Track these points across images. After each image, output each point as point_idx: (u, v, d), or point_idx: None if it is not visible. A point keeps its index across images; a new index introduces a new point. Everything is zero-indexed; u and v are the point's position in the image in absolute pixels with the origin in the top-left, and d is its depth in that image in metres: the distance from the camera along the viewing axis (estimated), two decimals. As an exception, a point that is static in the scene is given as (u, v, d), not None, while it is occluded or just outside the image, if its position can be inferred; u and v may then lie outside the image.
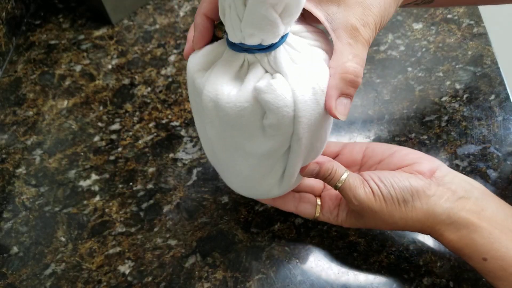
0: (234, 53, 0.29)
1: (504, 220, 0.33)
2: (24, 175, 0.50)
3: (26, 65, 0.61)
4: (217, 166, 0.39)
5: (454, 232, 0.34)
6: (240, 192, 0.40)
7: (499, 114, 0.50)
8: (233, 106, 0.29)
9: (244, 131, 0.30)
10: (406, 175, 0.36)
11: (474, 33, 0.58)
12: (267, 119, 0.29)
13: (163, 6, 0.66)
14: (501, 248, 0.32)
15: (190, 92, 0.33)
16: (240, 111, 0.29)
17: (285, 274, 0.42)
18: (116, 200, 0.47)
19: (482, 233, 0.33)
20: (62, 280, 0.43)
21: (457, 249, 0.34)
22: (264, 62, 0.29)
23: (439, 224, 0.34)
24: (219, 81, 0.29)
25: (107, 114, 0.55)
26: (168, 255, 0.43)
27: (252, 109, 0.29)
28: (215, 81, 0.29)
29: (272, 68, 0.29)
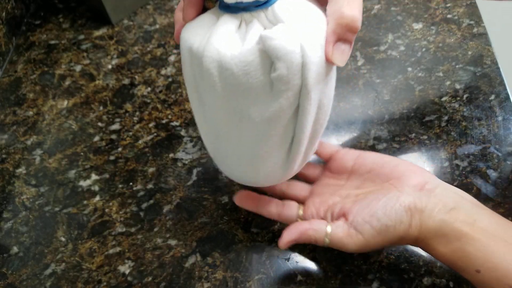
0: (229, 16, 0.29)
1: (497, 230, 0.33)
2: (24, 175, 0.50)
3: (26, 65, 0.61)
4: (217, 152, 0.38)
5: (446, 245, 0.33)
6: (241, 180, 0.39)
7: (499, 114, 0.50)
8: (238, 62, 0.28)
9: (250, 92, 0.29)
10: (396, 194, 0.35)
11: (474, 33, 0.58)
12: (275, 70, 0.28)
13: (163, 6, 0.66)
14: (494, 259, 0.32)
15: (186, 65, 0.31)
16: (245, 67, 0.28)
17: (285, 275, 0.42)
18: (116, 200, 0.47)
19: (476, 245, 0.32)
20: (62, 280, 0.43)
21: (450, 263, 0.34)
22: (262, 18, 0.29)
23: (432, 238, 0.34)
24: (220, 41, 0.28)
25: (107, 114, 0.55)
26: (168, 255, 0.43)
27: (258, 63, 0.28)
28: (216, 42, 0.28)
29: (271, 23, 0.28)
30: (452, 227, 0.33)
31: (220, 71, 0.28)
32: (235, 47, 0.28)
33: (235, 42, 0.28)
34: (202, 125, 0.36)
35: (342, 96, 0.53)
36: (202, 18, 0.30)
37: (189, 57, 0.30)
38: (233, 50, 0.28)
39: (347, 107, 0.52)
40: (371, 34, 0.59)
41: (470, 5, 0.60)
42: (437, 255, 0.34)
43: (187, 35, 0.30)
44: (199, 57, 0.29)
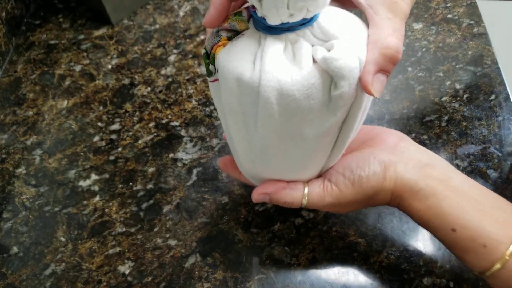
0: (273, 38, 0.28)
1: (471, 190, 0.32)
2: (24, 175, 0.50)
3: (26, 65, 0.61)
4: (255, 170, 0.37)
5: (422, 201, 0.32)
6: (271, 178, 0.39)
7: (499, 114, 0.50)
8: (300, 87, 0.27)
9: (309, 113, 0.29)
10: (369, 151, 0.35)
11: (474, 33, 0.58)
12: (338, 89, 0.28)
13: (163, 6, 0.66)
14: (470, 217, 0.31)
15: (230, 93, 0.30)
16: (307, 91, 0.27)
17: (285, 274, 0.42)
18: (116, 200, 0.47)
19: (451, 202, 0.32)
20: (62, 280, 0.43)
21: (425, 221, 0.33)
22: (308, 36, 0.28)
23: (407, 192, 0.33)
24: (275, 68, 0.27)
25: (107, 114, 0.55)
26: (168, 255, 0.43)
27: (319, 84, 0.27)
28: (271, 70, 0.27)
29: (318, 39, 0.28)
30: (427, 183, 0.32)
31: (280, 98, 0.28)
32: (292, 71, 0.27)
33: (289, 66, 0.27)
34: (241, 147, 0.35)
35: (342, 96, 0.53)
36: (241, 42, 0.29)
37: (236, 87, 0.29)
38: (292, 75, 0.27)
39: (347, 107, 0.52)
40: (371, 34, 0.59)
41: (470, 5, 0.60)
42: (412, 212, 0.34)
43: (232, 64, 0.29)
44: (254, 86, 0.28)
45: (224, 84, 0.30)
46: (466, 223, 0.31)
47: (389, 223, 0.44)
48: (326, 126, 0.30)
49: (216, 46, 0.30)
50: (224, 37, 0.30)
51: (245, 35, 0.29)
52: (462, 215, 0.31)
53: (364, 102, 0.30)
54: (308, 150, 0.32)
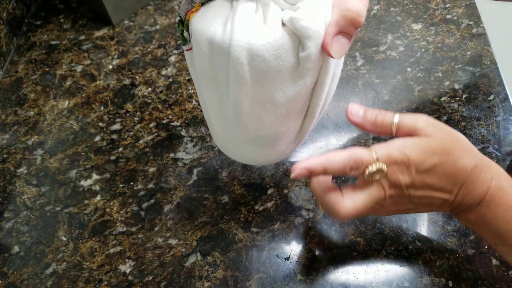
0: (244, 1, 0.28)
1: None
2: (25, 175, 0.50)
3: (27, 66, 0.61)
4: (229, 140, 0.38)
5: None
6: (255, 162, 0.39)
7: (498, 114, 0.50)
8: (270, 47, 0.28)
9: (278, 76, 0.29)
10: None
11: (473, 34, 0.58)
12: (305, 49, 0.28)
13: (163, 7, 0.66)
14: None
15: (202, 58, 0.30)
16: (276, 51, 0.28)
17: (285, 274, 0.42)
18: (117, 199, 0.48)
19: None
20: (63, 280, 0.43)
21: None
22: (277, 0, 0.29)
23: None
24: (245, 29, 0.27)
25: (108, 114, 0.55)
26: (169, 254, 0.44)
27: (288, 45, 0.28)
28: (242, 30, 0.27)
29: (287, 2, 0.29)
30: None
31: (250, 59, 0.28)
32: (262, 33, 0.28)
33: (259, 27, 0.28)
34: (215, 116, 0.36)
35: (342, 96, 0.54)
36: (213, 5, 0.29)
37: (208, 49, 0.29)
38: (261, 36, 0.27)
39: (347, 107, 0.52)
40: (370, 35, 0.59)
41: (469, 6, 0.61)
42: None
43: (204, 26, 0.29)
44: (225, 47, 0.28)
45: (197, 49, 0.30)
46: None
47: (388, 223, 0.44)
48: (296, 90, 0.31)
49: (190, 12, 0.30)
50: (198, 3, 0.30)
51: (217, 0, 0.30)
52: None
53: (331, 67, 0.31)
54: (279, 115, 0.33)
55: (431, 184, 0.33)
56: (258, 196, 0.47)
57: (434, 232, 0.43)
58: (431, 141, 0.33)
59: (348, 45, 0.29)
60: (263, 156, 0.39)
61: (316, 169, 0.32)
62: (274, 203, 0.46)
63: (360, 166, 0.32)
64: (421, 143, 0.33)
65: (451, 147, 0.33)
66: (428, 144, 0.33)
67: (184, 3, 0.31)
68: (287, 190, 0.47)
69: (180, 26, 0.31)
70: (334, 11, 0.29)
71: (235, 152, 0.40)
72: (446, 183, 0.33)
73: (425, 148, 0.33)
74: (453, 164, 0.33)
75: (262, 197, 0.46)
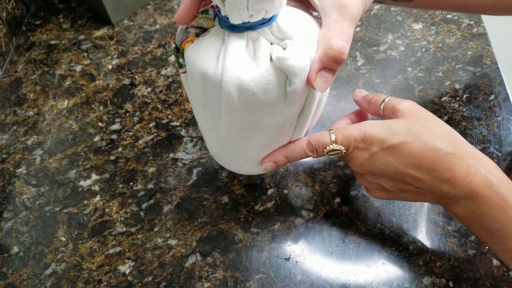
0: (236, 36, 0.30)
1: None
2: (25, 175, 0.50)
3: (27, 65, 0.61)
4: (223, 155, 0.40)
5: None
6: (247, 172, 0.43)
7: (499, 114, 0.50)
8: (258, 83, 0.30)
9: (267, 106, 0.31)
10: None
11: (473, 33, 0.58)
12: (291, 85, 0.30)
13: (163, 7, 0.66)
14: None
15: (196, 87, 0.32)
16: (265, 86, 0.30)
17: (285, 274, 0.42)
18: (117, 200, 0.48)
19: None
20: (63, 280, 0.43)
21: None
22: (267, 34, 0.30)
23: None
24: (236, 66, 0.29)
25: (107, 114, 0.55)
26: (168, 255, 0.44)
27: (275, 80, 0.30)
28: (232, 67, 0.29)
29: (276, 38, 0.30)
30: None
31: (240, 93, 0.30)
32: (251, 69, 0.30)
33: (249, 63, 0.30)
34: (209, 134, 0.38)
35: (342, 96, 0.54)
36: (207, 39, 0.31)
37: (202, 81, 0.31)
38: (251, 72, 0.30)
39: (347, 107, 0.52)
40: (371, 34, 0.59)
41: (469, 5, 0.60)
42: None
43: (198, 60, 0.31)
44: (217, 81, 0.30)
45: (191, 78, 0.32)
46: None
47: (388, 223, 0.44)
48: (284, 117, 0.33)
49: (185, 42, 0.32)
50: (192, 34, 0.32)
51: (210, 32, 0.31)
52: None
53: (317, 96, 0.33)
54: (269, 137, 0.36)
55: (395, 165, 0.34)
56: (258, 197, 0.47)
57: (434, 232, 0.43)
58: (400, 122, 0.35)
59: (331, 79, 0.31)
60: (258, 168, 0.41)
61: (279, 159, 0.37)
62: (274, 204, 0.46)
63: (318, 148, 0.36)
64: (388, 123, 0.35)
65: (420, 130, 0.34)
66: (395, 124, 0.35)
67: (179, 32, 0.33)
68: (287, 191, 0.47)
69: (176, 52, 0.33)
70: (318, 48, 0.30)
71: (230, 165, 0.42)
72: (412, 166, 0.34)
73: (390, 127, 0.35)
74: (422, 145, 0.34)
75: (262, 198, 0.46)
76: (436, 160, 0.33)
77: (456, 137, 0.35)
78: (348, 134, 0.35)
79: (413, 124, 0.34)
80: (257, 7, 0.28)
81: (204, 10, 0.32)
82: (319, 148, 0.36)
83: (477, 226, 0.34)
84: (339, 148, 0.36)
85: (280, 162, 0.38)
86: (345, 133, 0.36)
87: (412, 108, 0.36)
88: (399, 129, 0.34)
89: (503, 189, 0.33)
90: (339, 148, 0.36)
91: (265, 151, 0.38)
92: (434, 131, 0.34)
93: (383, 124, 0.35)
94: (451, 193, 0.34)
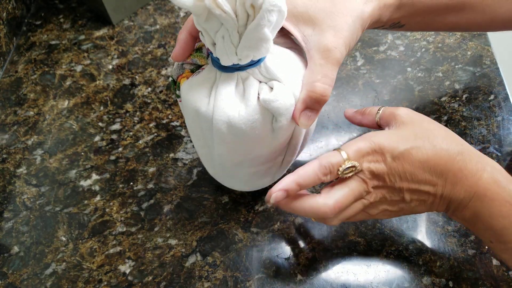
0: (227, 75, 0.32)
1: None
2: (25, 175, 0.50)
3: (27, 65, 0.61)
4: (219, 176, 0.43)
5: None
6: (244, 189, 0.45)
7: (499, 114, 0.50)
8: (246, 121, 0.32)
9: (256, 139, 0.34)
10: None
11: (473, 33, 0.58)
12: (277, 122, 0.33)
13: (163, 7, 0.66)
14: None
15: (191, 119, 0.35)
16: (253, 124, 0.32)
17: (285, 274, 0.42)
18: (117, 199, 0.48)
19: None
20: (63, 280, 0.43)
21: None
22: (256, 74, 0.32)
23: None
24: (225, 104, 0.32)
25: (107, 114, 0.55)
26: (169, 255, 0.44)
27: (262, 118, 0.32)
28: (222, 106, 0.32)
29: (264, 77, 0.32)
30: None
31: (229, 129, 0.33)
32: (240, 108, 0.32)
33: (238, 102, 0.32)
34: (204, 158, 0.41)
35: (342, 96, 0.54)
36: (200, 78, 0.33)
37: (196, 116, 0.34)
38: (239, 111, 0.32)
39: (347, 107, 0.52)
40: (370, 35, 0.59)
41: (469, 6, 0.60)
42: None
43: (192, 97, 0.33)
44: (209, 118, 0.33)
45: (186, 111, 0.35)
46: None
47: (388, 223, 0.44)
48: (272, 147, 0.36)
49: (181, 77, 0.35)
50: (188, 70, 0.35)
51: (204, 70, 0.34)
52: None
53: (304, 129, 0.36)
54: (261, 162, 0.38)
55: (412, 171, 0.33)
56: (258, 196, 0.47)
57: (434, 232, 0.43)
58: (404, 128, 0.35)
59: (315, 116, 0.33)
60: (254, 186, 0.44)
61: (291, 187, 0.33)
62: (274, 203, 0.46)
63: (332, 169, 0.33)
64: (393, 131, 0.35)
65: (426, 133, 0.34)
66: (401, 131, 0.34)
67: (175, 67, 0.36)
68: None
69: (173, 85, 0.36)
70: (302, 89, 0.33)
71: (226, 184, 0.44)
72: (428, 170, 0.33)
73: (397, 134, 0.34)
74: (432, 148, 0.33)
75: (262, 197, 0.46)
76: (448, 161, 0.33)
77: (457, 137, 0.35)
78: (357, 148, 0.33)
79: (417, 129, 0.34)
80: (245, 54, 0.30)
81: (198, 48, 0.35)
82: (334, 169, 0.33)
83: (483, 226, 0.34)
84: (354, 164, 0.33)
85: (292, 191, 0.34)
86: (354, 147, 0.33)
87: (411, 112, 0.36)
88: (406, 135, 0.34)
89: (510, 185, 0.33)
90: (354, 165, 0.33)
91: (258, 173, 0.40)
92: (438, 133, 0.34)
93: (389, 132, 0.34)
94: (461, 195, 0.33)
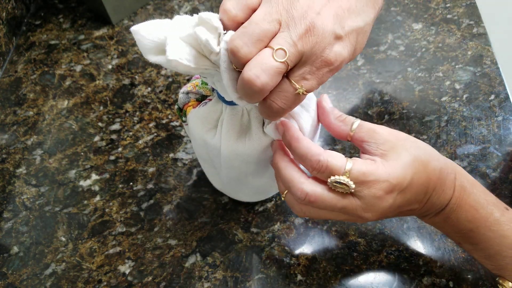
0: (232, 107, 0.33)
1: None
2: (25, 175, 0.50)
3: (27, 65, 0.61)
4: (225, 190, 0.45)
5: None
6: (252, 199, 0.46)
7: (499, 114, 0.50)
8: (252, 149, 0.34)
9: (263, 162, 0.36)
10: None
11: (473, 33, 0.58)
12: None
13: (163, 7, 0.66)
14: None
15: (198, 146, 0.37)
16: (259, 152, 0.35)
17: (285, 274, 0.42)
18: (116, 200, 0.48)
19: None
20: (63, 280, 0.43)
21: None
22: None
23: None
24: (232, 137, 0.34)
25: (107, 114, 0.55)
26: (168, 255, 0.44)
27: (268, 146, 0.35)
28: (229, 138, 0.34)
29: None
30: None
31: (237, 157, 0.35)
32: (246, 138, 0.34)
33: (244, 133, 0.34)
34: (212, 174, 0.43)
35: (342, 96, 0.54)
36: (207, 109, 0.35)
37: (203, 144, 0.36)
38: (244, 143, 0.34)
39: (347, 107, 0.52)
40: (371, 35, 0.59)
41: (469, 5, 0.60)
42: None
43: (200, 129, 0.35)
44: (217, 147, 0.35)
45: (193, 138, 0.37)
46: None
47: (388, 223, 0.44)
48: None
49: (187, 106, 0.37)
50: (193, 99, 0.37)
51: (211, 101, 0.35)
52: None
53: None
54: (267, 177, 0.39)
55: (409, 198, 0.31)
56: (258, 196, 0.47)
57: (435, 232, 0.43)
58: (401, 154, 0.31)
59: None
60: (262, 196, 0.45)
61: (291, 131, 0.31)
62: (274, 204, 0.46)
63: (324, 170, 0.29)
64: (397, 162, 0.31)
65: (418, 153, 0.31)
66: (402, 159, 0.31)
67: (181, 96, 0.37)
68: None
69: (179, 112, 0.38)
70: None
71: (233, 196, 0.46)
72: (420, 193, 0.32)
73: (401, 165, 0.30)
74: (424, 170, 0.31)
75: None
76: (438, 181, 0.32)
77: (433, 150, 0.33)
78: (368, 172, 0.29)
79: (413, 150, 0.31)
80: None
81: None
82: (326, 170, 0.29)
83: (451, 229, 0.34)
84: (348, 183, 0.29)
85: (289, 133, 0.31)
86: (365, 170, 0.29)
87: (392, 130, 0.33)
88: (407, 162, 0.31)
89: (474, 189, 0.33)
90: (348, 184, 0.29)
91: (267, 184, 0.41)
92: (425, 150, 0.32)
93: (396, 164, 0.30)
94: (438, 206, 0.33)
